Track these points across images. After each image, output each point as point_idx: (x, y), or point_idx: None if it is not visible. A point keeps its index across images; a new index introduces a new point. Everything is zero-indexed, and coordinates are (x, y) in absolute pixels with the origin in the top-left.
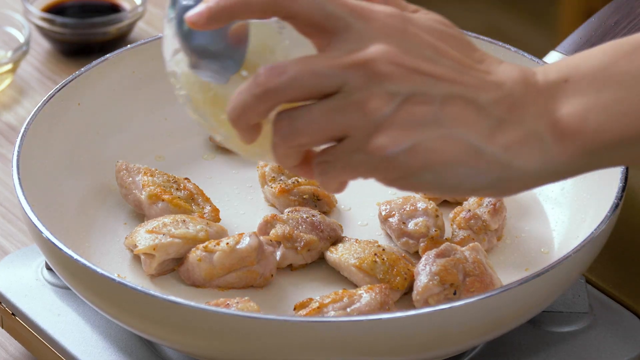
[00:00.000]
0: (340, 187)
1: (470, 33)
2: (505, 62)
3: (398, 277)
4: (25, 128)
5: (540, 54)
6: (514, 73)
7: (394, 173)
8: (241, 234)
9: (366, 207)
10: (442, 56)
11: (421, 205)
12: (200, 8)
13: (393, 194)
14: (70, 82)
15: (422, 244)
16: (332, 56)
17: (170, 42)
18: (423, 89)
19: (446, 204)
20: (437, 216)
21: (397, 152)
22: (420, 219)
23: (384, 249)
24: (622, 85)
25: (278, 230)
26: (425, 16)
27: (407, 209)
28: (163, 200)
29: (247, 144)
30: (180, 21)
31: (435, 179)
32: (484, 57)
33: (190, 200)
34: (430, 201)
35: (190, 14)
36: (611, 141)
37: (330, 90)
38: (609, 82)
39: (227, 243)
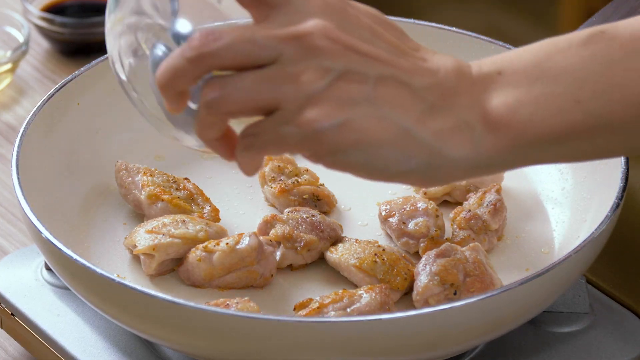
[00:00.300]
0: (257, 167)
1: (470, 33)
2: (441, 53)
3: (398, 277)
4: (24, 128)
5: None
6: (449, 63)
7: (322, 148)
8: (241, 234)
9: (366, 207)
10: (379, 39)
11: (421, 205)
12: None
13: (393, 194)
14: (69, 82)
15: (422, 244)
16: (270, 27)
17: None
18: (357, 68)
19: (446, 204)
20: (437, 216)
21: (327, 127)
22: (420, 219)
23: (384, 249)
24: (555, 81)
25: (278, 230)
26: (363, 5)
27: (407, 209)
28: (163, 200)
29: (172, 112)
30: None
31: (364, 158)
32: (419, 46)
33: (189, 200)
34: (431, 201)
35: None
36: (542, 135)
37: (265, 60)
38: (542, 76)
39: (227, 243)
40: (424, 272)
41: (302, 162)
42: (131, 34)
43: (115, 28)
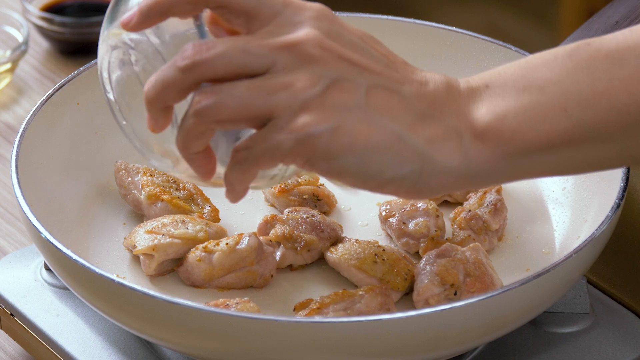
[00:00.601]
0: (244, 190)
1: (470, 33)
2: (428, 71)
3: (398, 278)
4: (24, 128)
5: None
6: (437, 77)
7: (316, 153)
8: (241, 234)
9: (366, 207)
10: (370, 48)
11: (421, 205)
12: (131, 10)
13: None
14: (69, 81)
15: (422, 244)
16: (262, 37)
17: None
18: (349, 76)
19: (447, 204)
20: (437, 216)
21: (320, 131)
22: (420, 219)
23: (384, 249)
24: (542, 91)
25: (278, 230)
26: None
27: (408, 209)
28: (162, 201)
29: (154, 130)
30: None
31: (357, 163)
32: (407, 62)
33: (189, 201)
34: (431, 201)
35: (123, 17)
36: (531, 144)
37: (258, 70)
38: (529, 87)
39: (227, 243)
40: (424, 272)
41: None
42: (126, 54)
43: (110, 39)
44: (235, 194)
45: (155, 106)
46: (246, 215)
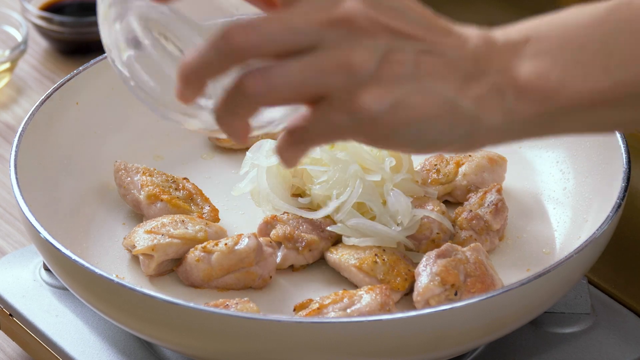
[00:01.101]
0: (300, 159)
1: None
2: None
3: (398, 278)
4: (23, 127)
5: None
6: (474, 33)
7: (378, 132)
8: (240, 235)
9: None
10: (410, 11)
11: (429, 206)
12: None
13: None
14: (68, 81)
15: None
16: (305, 12)
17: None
18: (397, 46)
19: (447, 204)
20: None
21: (380, 110)
22: (425, 220)
23: (384, 250)
24: (583, 49)
25: (279, 230)
26: None
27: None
28: (162, 200)
29: (185, 102)
30: None
31: (416, 135)
32: (441, 19)
33: (189, 200)
34: (438, 201)
35: None
36: (571, 101)
37: (305, 47)
38: (570, 45)
39: (226, 244)
40: (425, 272)
41: None
42: (135, 22)
43: (109, 13)
44: (291, 164)
45: (191, 84)
46: (246, 215)
